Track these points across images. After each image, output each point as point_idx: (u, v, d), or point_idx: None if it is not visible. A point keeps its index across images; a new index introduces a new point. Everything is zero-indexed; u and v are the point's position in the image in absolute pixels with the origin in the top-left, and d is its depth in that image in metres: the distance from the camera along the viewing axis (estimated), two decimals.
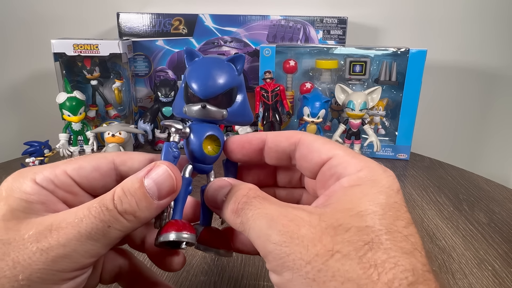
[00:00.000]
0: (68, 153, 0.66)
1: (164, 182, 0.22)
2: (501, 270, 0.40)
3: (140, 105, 0.86)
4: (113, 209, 0.20)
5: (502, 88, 0.96)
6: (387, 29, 0.92)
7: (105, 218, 0.20)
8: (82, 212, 0.20)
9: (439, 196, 0.58)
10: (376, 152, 0.73)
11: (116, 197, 0.21)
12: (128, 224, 0.21)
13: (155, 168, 0.22)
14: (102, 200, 0.21)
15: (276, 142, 0.25)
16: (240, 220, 0.21)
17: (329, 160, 0.22)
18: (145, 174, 0.22)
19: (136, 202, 0.21)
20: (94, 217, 0.20)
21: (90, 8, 0.89)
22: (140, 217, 0.21)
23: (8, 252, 0.19)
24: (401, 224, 0.19)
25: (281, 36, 0.83)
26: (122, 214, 0.20)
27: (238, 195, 0.22)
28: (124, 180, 0.22)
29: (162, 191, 0.22)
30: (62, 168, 0.23)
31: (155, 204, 0.21)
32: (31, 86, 0.94)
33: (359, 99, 0.66)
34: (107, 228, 0.20)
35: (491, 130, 1.00)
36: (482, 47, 0.93)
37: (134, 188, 0.21)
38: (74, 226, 0.20)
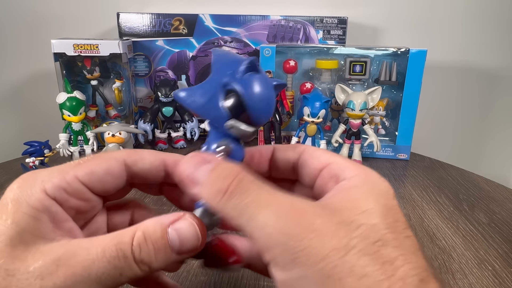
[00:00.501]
0: (68, 153, 0.66)
1: (189, 239, 0.21)
2: (501, 270, 0.40)
3: (140, 105, 0.86)
4: (130, 257, 0.19)
5: (502, 88, 0.96)
6: (387, 29, 0.92)
7: (119, 265, 0.19)
8: (96, 252, 0.19)
9: (439, 196, 0.58)
10: (376, 152, 0.73)
11: (135, 243, 0.19)
12: (139, 273, 0.19)
13: (182, 220, 0.21)
14: (120, 243, 0.19)
15: (284, 152, 0.26)
16: (234, 205, 0.19)
17: (328, 165, 0.23)
18: (170, 224, 0.20)
19: (155, 252, 0.20)
20: (108, 261, 0.19)
21: (90, 8, 0.89)
22: (154, 268, 0.20)
23: (10, 285, 0.18)
24: (401, 226, 0.19)
25: (281, 36, 0.83)
26: (137, 263, 0.19)
27: (228, 174, 0.20)
28: (147, 221, 0.20)
29: (183, 247, 0.20)
30: (73, 174, 0.22)
31: (173, 257, 0.20)
32: (31, 86, 0.94)
33: (359, 99, 0.66)
34: (119, 275, 0.19)
35: (491, 130, 1.00)
36: (482, 47, 0.93)
37: (156, 237, 0.20)
38: (84, 268, 0.18)
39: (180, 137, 0.77)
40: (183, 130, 0.78)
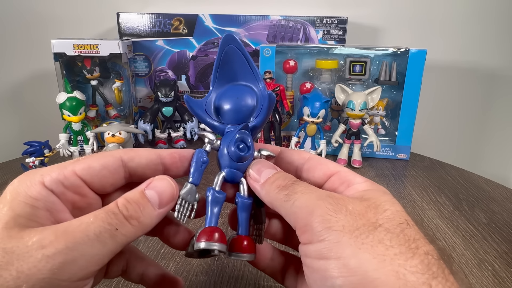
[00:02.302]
0: (68, 153, 0.66)
1: (165, 191, 0.24)
2: (501, 270, 0.40)
3: (140, 105, 0.86)
4: (119, 214, 0.21)
5: (502, 88, 0.96)
6: (387, 29, 0.92)
7: (112, 222, 0.21)
8: (88, 218, 0.21)
9: (439, 196, 0.58)
10: (376, 152, 0.73)
11: (120, 205, 0.22)
12: (132, 229, 0.22)
13: (155, 180, 0.24)
14: (107, 208, 0.21)
15: (290, 154, 0.28)
16: (287, 192, 0.23)
17: (337, 173, 0.26)
18: (146, 186, 0.23)
19: (140, 208, 0.22)
20: (102, 221, 0.20)
21: (90, 8, 0.89)
22: (144, 223, 0.22)
23: (11, 261, 0.18)
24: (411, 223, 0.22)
25: (281, 36, 0.83)
26: (127, 219, 0.21)
27: (288, 176, 0.25)
28: (126, 193, 0.23)
29: (163, 200, 0.23)
30: (71, 168, 0.23)
31: (157, 212, 0.23)
32: (31, 86, 0.94)
33: (359, 99, 0.66)
34: (115, 230, 0.21)
35: (491, 130, 1.00)
36: (482, 47, 0.93)
37: (136, 197, 0.22)
38: (82, 230, 0.20)
39: (180, 137, 0.77)
40: (183, 130, 0.78)
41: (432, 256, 0.19)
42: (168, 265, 0.40)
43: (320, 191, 0.23)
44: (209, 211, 0.26)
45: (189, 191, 0.26)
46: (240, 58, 0.28)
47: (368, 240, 0.19)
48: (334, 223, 0.20)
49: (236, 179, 0.27)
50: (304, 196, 0.22)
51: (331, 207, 0.21)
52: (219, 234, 0.24)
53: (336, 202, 0.21)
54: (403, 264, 0.18)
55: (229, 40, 0.28)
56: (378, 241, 0.19)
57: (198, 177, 0.26)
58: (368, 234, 0.19)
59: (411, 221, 0.21)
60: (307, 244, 0.21)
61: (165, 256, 0.41)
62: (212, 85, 0.29)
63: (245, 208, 0.26)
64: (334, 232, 0.20)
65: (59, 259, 0.19)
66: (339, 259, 0.19)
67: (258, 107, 0.27)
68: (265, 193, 0.25)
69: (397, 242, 0.19)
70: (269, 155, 0.28)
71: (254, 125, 0.27)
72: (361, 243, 0.19)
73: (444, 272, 0.19)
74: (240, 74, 0.28)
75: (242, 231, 0.26)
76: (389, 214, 0.21)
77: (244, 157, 0.26)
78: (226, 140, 0.27)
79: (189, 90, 0.86)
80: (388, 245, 0.19)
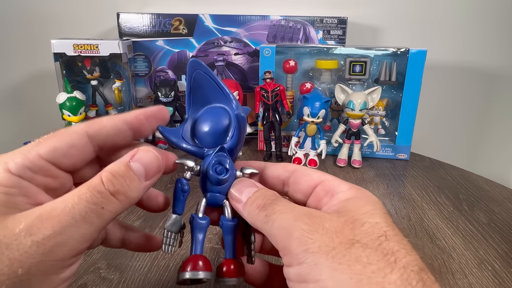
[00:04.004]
0: None
1: (151, 163, 0.23)
2: (501, 270, 0.40)
3: (140, 105, 0.86)
4: (105, 191, 0.21)
5: (502, 88, 0.96)
6: (387, 29, 0.92)
7: (98, 201, 0.20)
8: (72, 199, 0.20)
9: (439, 196, 0.58)
10: (376, 152, 0.73)
11: (105, 180, 0.21)
12: (119, 204, 0.21)
13: (140, 151, 0.23)
14: (91, 185, 0.21)
15: (274, 169, 0.28)
16: (266, 213, 0.22)
17: (321, 182, 0.26)
18: (130, 158, 0.22)
19: (127, 182, 0.22)
20: (87, 201, 0.20)
21: (90, 8, 0.89)
22: (131, 197, 0.22)
23: (1, 250, 0.18)
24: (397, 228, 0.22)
25: (281, 36, 0.83)
26: (114, 195, 0.21)
27: (268, 194, 0.24)
28: (109, 165, 0.22)
29: (149, 172, 0.23)
30: (35, 152, 0.21)
31: (144, 184, 0.23)
32: (31, 86, 0.94)
33: (359, 99, 0.66)
34: (101, 210, 0.20)
35: (491, 130, 1.00)
36: (482, 47, 0.93)
37: (122, 171, 0.22)
38: (67, 213, 0.19)
39: None
40: None
41: (411, 269, 0.19)
42: (168, 265, 0.40)
43: (298, 209, 0.22)
44: (193, 238, 0.26)
45: (173, 223, 0.26)
46: (209, 81, 0.27)
47: (345, 259, 0.19)
48: (311, 245, 0.20)
49: (218, 202, 0.27)
50: (282, 217, 0.22)
51: (307, 228, 0.20)
52: (203, 262, 0.25)
53: (313, 221, 0.21)
54: (381, 282, 0.18)
55: (195, 66, 0.27)
56: (355, 259, 0.19)
57: (181, 207, 0.26)
58: (345, 253, 0.19)
59: (392, 230, 0.21)
60: (288, 267, 0.21)
61: (165, 256, 0.41)
62: (187, 112, 0.28)
63: (229, 231, 0.26)
64: (311, 255, 0.19)
65: (49, 244, 0.19)
66: (317, 282, 0.19)
67: (232, 127, 0.27)
68: (247, 214, 0.24)
69: (375, 257, 0.19)
70: (252, 173, 0.28)
71: (230, 147, 0.27)
72: (338, 263, 0.19)
73: (426, 283, 0.18)
74: (212, 96, 0.28)
75: (228, 255, 0.26)
76: (367, 228, 0.21)
77: (223, 180, 0.26)
78: (204, 164, 0.26)
79: None
80: (365, 262, 0.19)
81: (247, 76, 0.86)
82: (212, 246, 0.43)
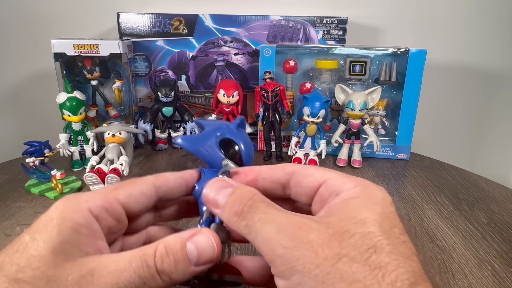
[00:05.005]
0: (68, 153, 0.66)
1: (206, 251, 0.22)
2: (501, 270, 0.40)
3: (140, 105, 0.86)
4: (152, 267, 0.21)
5: (502, 88, 0.96)
6: (387, 29, 0.92)
7: (143, 275, 0.20)
8: (124, 263, 0.20)
9: (439, 196, 0.58)
10: (376, 152, 0.73)
11: (157, 254, 0.21)
12: (161, 283, 0.21)
13: (200, 234, 0.23)
14: (144, 255, 0.21)
15: (271, 172, 0.26)
16: (246, 223, 0.21)
17: (325, 182, 0.24)
18: (189, 238, 0.22)
19: (175, 263, 0.21)
20: (134, 271, 0.20)
21: (90, 8, 0.89)
22: (174, 279, 0.21)
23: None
24: (397, 231, 0.21)
25: (281, 36, 0.83)
26: (159, 273, 0.21)
27: (244, 197, 0.22)
28: (168, 237, 0.22)
29: (201, 259, 0.22)
30: (114, 196, 0.24)
31: (192, 269, 0.22)
32: (31, 86, 0.94)
33: (359, 99, 0.66)
34: (143, 284, 0.20)
35: (491, 130, 1.00)
36: (483, 48, 0.93)
37: (176, 249, 0.22)
38: (114, 277, 0.20)
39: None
40: (183, 130, 0.78)
41: (400, 285, 0.18)
42: None
43: (280, 216, 0.21)
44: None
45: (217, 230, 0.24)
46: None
47: (330, 277, 0.18)
48: (295, 262, 0.19)
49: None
50: (263, 229, 0.20)
51: (290, 244, 0.19)
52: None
53: (297, 234, 0.20)
54: None
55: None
56: (340, 277, 0.18)
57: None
58: (330, 270, 0.18)
59: (386, 239, 0.19)
60: (277, 278, 0.20)
61: None
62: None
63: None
64: (295, 273, 0.19)
65: None
66: None
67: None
68: (227, 221, 0.23)
69: (362, 273, 0.18)
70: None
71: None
72: (321, 282, 0.18)
73: None
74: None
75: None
76: (356, 240, 0.19)
77: None
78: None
79: (189, 90, 0.86)
80: (351, 279, 0.18)
81: (247, 76, 0.86)
82: None
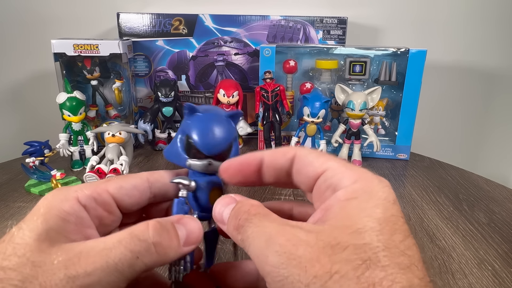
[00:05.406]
0: (68, 153, 0.66)
1: (194, 232, 0.23)
2: (501, 270, 0.40)
3: (140, 105, 0.86)
4: (145, 240, 0.21)
5: (502, 88, 0.96)
6: (387, 29, 0.92)
7: (135, 249, 0.20)
8: (112, 242, 0.20)
9: (439, 196, 0.58)
10: (376, 152, 0.73)
11: (151, 228, 0.21)
12: (156, 257, 0.21)
13: (186, 217, 0.24)
14: (134, 231, 0.21)
15: (273, 159, 0.25)
16: (241, 237, 0.21)
17: (323, 172, 0.22)
18: (177, 221, 0.23)
19: (169, 238, 0.22)
20: (125, 247, 0.20)
21: (90, 8, 0.89)
22: (168, 255, 0.22)
23: (37, 275, 0.19)
24: (399, 238, 0.19)
25: (281, 36, 0.83)
26: (155, 245, 0.21)
27: (240, 212, 0.22)
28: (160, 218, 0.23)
29: (189, 239, 0.23)
30: (104, 187, 0.24)
31: (180, 249, 0.22)
32: (31, 86, 0.94)
33: (359, 99, 0.66)
34: (135, 259, 0.20)
35: (491, 130, 1.00)
36: (482, 48, 0.93)
37: (168, 226, 0.22)
38: (102, 256, 0.20)
39: None
40: None
41: None
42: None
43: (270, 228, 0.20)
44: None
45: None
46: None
47: None
48: (283, 281, 0.18)
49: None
50: (254, 244, 0.20)
51: (277, 261, 0.18)
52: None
53: (285, 248, 0.18)
54: None
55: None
56: None
57: None
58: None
59: (383, 250, 0.18)
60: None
61: None
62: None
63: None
64: None
65: (78, 282, 0.19)
66: None
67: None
68: (231, 237, 0.23)
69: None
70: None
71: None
72: None
73: None
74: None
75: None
76: (348, 254, 0.18)
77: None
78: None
79: (189, 90, 0.86)
80: None
81: (247, 76, 0.86)
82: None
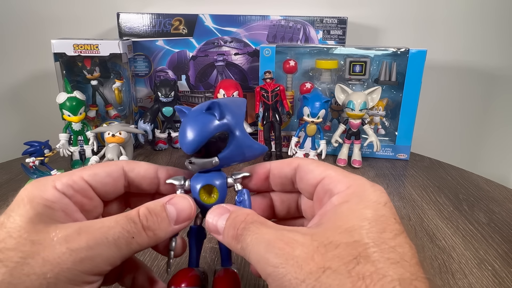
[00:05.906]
0: (68, 153, 0.66)
1: (184, 210, 0.25)
2: (501, 270, 0.40)
3: (140, 105, 0.86)
4: (138, 223, 0.23)
5: (502, 88, 0.96)
6: (387, 29, 0.92)
7: (131, 230, 0.22)
8: (109, 222, 0.22)
9: (439, 196, 0.58)
10: (376, 152, 0.73)
11: (141, 214, 0.23)
12: (147, 239, 0.23)
13: (177, 196, 0.25)
14: (128, 215, 0.23)
15: (279, 169, 0.28)
16: (240, 246, 0.22)
17: (322, 180, 0.25)
18: (167, 201, 0.25)
19: (158, 221, 0.23)
20: (122, 227, 0.22)
21: (90, 8, 0.89)
22: (158, 236, 0.24)
23: (38, 251, 0.20)
24: (388, 236, 0.20)
25: (281, 36, 0.83)
26: (145, 229, 0.23)
27: (237, 221, 0.23)
28: (148, 202, 0.24)
29: (180, 217, 0.25)
30: (79, 174, 0.25)
31: (172, 228, 0.24)
32: (31, 86, 0.94)
33: (359, 99, 0.66)
34: (131, 239, 0.22)
35: (491, 130, 1.00)
36: (482, 48, 0.93)
37: (157, 210, 0.24)
38: (102, 232, 0.22)
39: None
40: None
41: None
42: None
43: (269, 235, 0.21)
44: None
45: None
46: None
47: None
48: (282, 279, 0.19)
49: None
50: (254, 250, 0.21)
51: (276, 262, 0.20)
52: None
53: (283, 251, 0.20)
54: None
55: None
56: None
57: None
58: (314, 284, 0.18)
59: (373, 247, 0.19)
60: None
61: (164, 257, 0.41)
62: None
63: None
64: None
65: (81, 254, 0.21)
66: None
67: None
68: (228, 246, 0.24)
69: (345, 285, 0.18)
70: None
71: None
72: None
73: None
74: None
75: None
76: (340, 251, 0.19)
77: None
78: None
79: (189, 90, 0.86)
80: None
81: (247, 76, 0.86)
82: (212, 246, 0.43)
